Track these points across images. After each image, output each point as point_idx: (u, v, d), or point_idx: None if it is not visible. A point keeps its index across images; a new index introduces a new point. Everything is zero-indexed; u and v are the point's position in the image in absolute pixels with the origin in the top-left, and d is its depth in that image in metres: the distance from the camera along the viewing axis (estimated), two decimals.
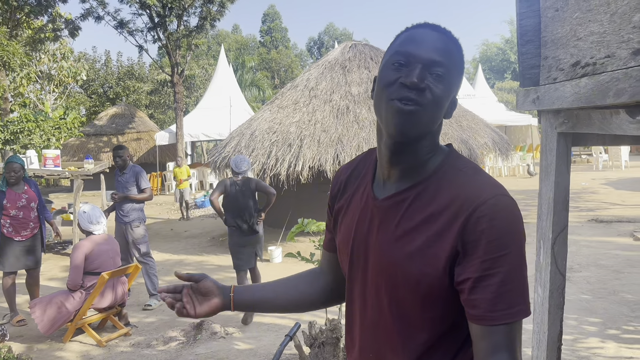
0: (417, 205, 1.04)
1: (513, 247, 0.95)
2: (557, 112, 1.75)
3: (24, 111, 15.32)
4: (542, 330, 1.82)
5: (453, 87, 1.05)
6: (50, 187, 22.72)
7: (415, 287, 1.02)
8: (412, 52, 1.01)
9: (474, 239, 0.95)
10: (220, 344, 4.53)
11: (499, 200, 0.97)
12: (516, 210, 0.99)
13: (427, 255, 1.00)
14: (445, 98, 1.02)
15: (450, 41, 1.05)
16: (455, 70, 1.04)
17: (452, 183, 1.02)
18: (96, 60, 30.64)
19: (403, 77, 1.00)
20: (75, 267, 4.61)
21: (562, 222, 1.78)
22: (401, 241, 1.04)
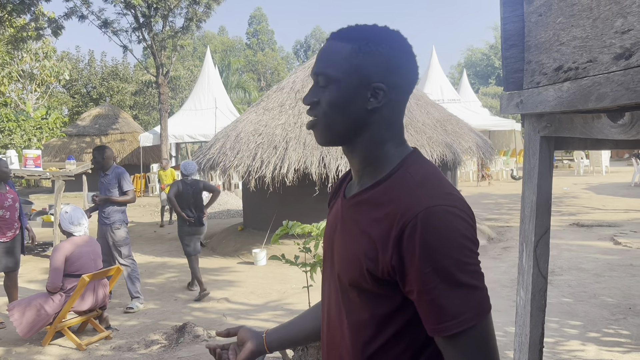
0: (367, 207, 1.05)
1: (447, 259, 0.93)
2: (540, 116, 1.77)
3: (5, 110, 15.07)
4: (524, 333, 1.83)
5: (347, 81, 1.03)
6: (31, 187, 22.37)
7: (356, 285, 1.03)
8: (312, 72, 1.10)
9: (409, 253, 0.95)
10: (202, 347, 4.49)
11: (430, 212, 0.94)
12: (451, 221, 0.95)
13: (368, 258, 1.00)
14: (338, 99, 1.03)
15: (342, 43, 1.05)
16: (342, 66, 1.03)
17: (398, 189, 1.01)
18: (79, 60, 30.31)
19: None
20: (54, 269, 4.54)
21: (544, 225, 1.79)
22: (350, 241, 1.06)
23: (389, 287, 1.00)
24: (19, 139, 13.16)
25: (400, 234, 0.95)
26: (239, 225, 9.68)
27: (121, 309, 5.68)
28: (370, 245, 1.00)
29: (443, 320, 0.94)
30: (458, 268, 0.93)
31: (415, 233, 0.94)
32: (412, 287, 0.96)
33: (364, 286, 1.02)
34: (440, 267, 0.93)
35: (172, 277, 7.16)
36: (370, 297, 1.03)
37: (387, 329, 1.03)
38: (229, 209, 13.61)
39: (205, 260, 8.12)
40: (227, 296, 6.08)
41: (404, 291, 0.98)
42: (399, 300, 1.01)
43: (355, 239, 1.04)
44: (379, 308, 1.03)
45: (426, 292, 0.94)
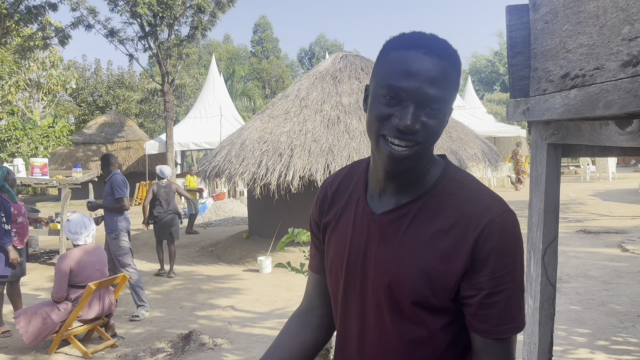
0: (421, 220, 1.03)
1: (518, 264, 0.99)
2: (547, 124, 1.77)
3: (12, 119, 15.19)
4: (533, 342, 1.82)
5: (449, 109, 1.02)
6: (37, 196, 22.47)
7: (421, 303, 1.01)
8: (405, 88, 0.96)
9: (484, 257, 0.97)
10: (208, 355, 4.48)
11: (506, 217, 0.99)
12: (519, 226, 1.02)
13: (438, 272, 0.99)
14: (441, 127, 1.01)
15: (447, 63, 0.98)
16: (452, 93, 1.00)
17: (456, 198, 1.02)
18: (86, 69, 30.51)
19: (396, 119, 0.97)
20: (59, 278, 4.55)
21: (552, 232, 1.78)
22: (407, 257, 1.02)
23: (453, 299, 1.02)
24: (26, 147, 13.24)
25: (476, 240, 0.97)
26: (245, 233, 9.68)
27: (127, 317, 5.68)
28: (437, 257, 0.99)
29: (502, 323, 0.99)
30: (522, 274, 1.00)
31: (492, 237, 0.97)
32: (479, 290, 0.98)
33: (431, 301, 1.01)
34: (511, 270, 0.98)
35: (178, 285, 7.16)
36: (431, 312, 1.02)
37: (439, 345, 1.04)
38: (234, 216, 13.63)
39: (210, 268, 8.12)
40: (232, 304, 6.07)
41: (464, 296, 1.00)
42: (452, 315, 1.03)
43: (415, 254, 1.01)
44: (438, 322, 1.03)
45: (495, 294, 0.98)
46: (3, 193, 5.21)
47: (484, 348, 1.01)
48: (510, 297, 0.98)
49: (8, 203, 5.17)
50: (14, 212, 5.22)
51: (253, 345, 4.70)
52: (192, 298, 6.42)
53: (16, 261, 5.04)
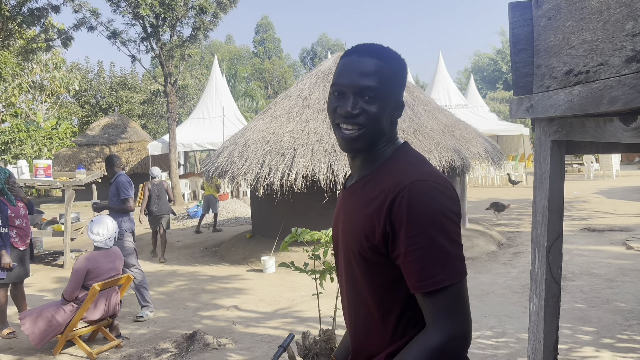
0: (365, 190, 1.23)
1: (429, 226, 1.11)
2: (550, 120, 1.76)
3: (16, 121, 15.23)
4: (538, 340, 1.81)
5: (390, 97, 1.22)
6: (41, 197, 22.55)
7: (360, 261, 1.21)
8: (344, 83, 1.21)
9: (398, 220, 1.13)
10: (213, 355, 4.48)
11: (415, 185, 1.13)
12: (433, 192, 1.14)
13: (365, 231, 1.18)
14: (381, 112, 1.20)
15: (379, 60, 1.21)
16: (388, 84, 1.21)
17: (390, 171, 1.21)
18: (89, 71, 30.59)
19: (340, 107, 1.22)
20: (75, 279, 4.57)
21: (556, 230, 1.77)
22: (350, 222, 1.24)
23: (384, 258, 1.18)
24: (30, 149, 13.27)
25: (391, 204, 1.14)
26: (248, 233, 9.68)
27: (131, 317, 5.69)
28: (367, 219, 1.18)
29: (422, 279, 1.11)
30: (439, 234, 1.11)
31: (403, 202, 1.12)
32: (399, 250, 1.13)
33: (365, 256, 1.20)
34: (423, 231, 1.11)
35: (182, 285, 7.17)
36: (370, 270, 1.21)
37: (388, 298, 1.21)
38: (238, 216, 13.63)
39: (214, 268, 8.13)
40: (236, 304, 6.07)
41: (393, 257, 1.16)
42: (393, 271, 1.19)
43: (356, 217, 1.22)
44: (378, 279, 1.21)
45: (410, 252, 1.12)
46: (2, 196, 5.22)
47: (421, 304, 1.15)
48: (426, 256, 1.10)
49: (5, 206, 5.18)
50: (11, 214, 5.22)
51: (257, 345, 4.70)
52: (196, 298, 6.43)
53: (8, 266, 5.02)
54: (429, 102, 9.29)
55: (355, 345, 1.31)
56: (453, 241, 1.12)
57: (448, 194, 1.15)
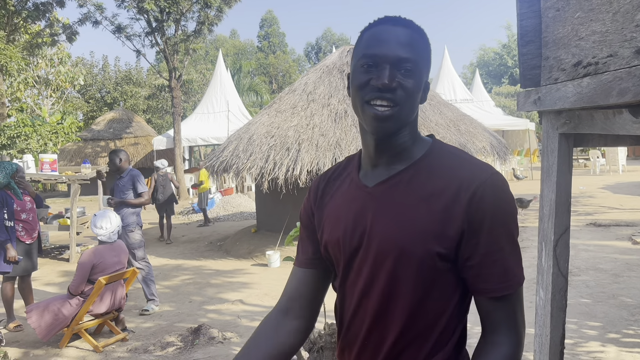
0: (414, 186, 1.07)
1: (512, 222, 1.03)
2: (558, 113, 1.74)
3: (21, 116, 15.29)
4: (545, 334, 1.80)
5: (423, 75, 1.08)
6: (47, 192, 22.65)
7: (419, 266, 1.04)
8: (378, 53, 1.04)
9: (480, 218, 1.00)
10: (218, 349, 4.50)
11: (496, 178, 1.03)
12: (509, 187, 1.06)
13: (435, 231, 1.02)
14: (417, 89, 1.07)
15: (413, 32, 1.08)
16: (422, 59, 1.08)
17: (445, 164, 1.07)
18: (94, 65, 30.64)
19: (374, 80, 1.04)
20: (81, 273, 4.59)
21: (564, 223, 1.76)
22: (405, 221, 1.05)
23: (449, 263, 1.04)
24: (35, 143, 13.31)
25: (469, 201, 1.01)
26: (253, 227, 9.70)
27: (137, 311, 5.71)
28: (433, 216, 1.03)
29: (506, 279, 1.02)
30: (517, 231, 1.05)
31: (485, 198, 1.00)
32: (478, 250, 1.01)
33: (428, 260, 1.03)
34: (508, 229, 1.03)
35: (187, 279, 7.19)
36: (428, 277, 1.04)
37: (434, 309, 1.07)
38: (242, 211, 13.65)
39: (219, 263, 8.15)
40: (241, 298, 6.09)
41: (464, 257, 1.03)
42: (447, 278, 1.05)
43: (412, 216, 1.04)
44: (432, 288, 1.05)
45: (494, 252, 1.01)
46: (8, 190, 5.24)
47: (491, 307, 1.03)
48: (510, 255, 1.02)
49: (12, 200, 5.19)
50: (17, 208, 5.24)
51: None
52: (202, 292, 6.45)
53: (13, 259, 5.03)
54: (434, 97, 9.25)
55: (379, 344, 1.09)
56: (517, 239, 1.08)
57: (506, 183, 1.07)
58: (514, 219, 1.03)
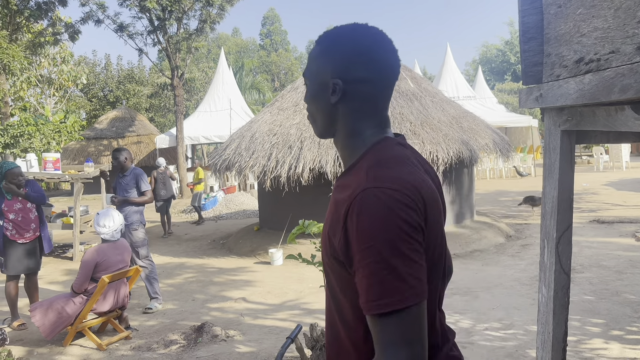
0: (338, 190, 1.13)
1: (376, 240, 0.96)
2: (560, 110, 1.74)
3: (24, 115, 15.34)
4: (547, 331, 1.80)
5: (317, 79, 1.16)
6: (50, 190, 22.70)
7: (326, 265, 1.11)
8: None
9: (351, 232, 1.00)
10: (221, 347, 4.51)
11: (365, 194, 0.99)
12: (382, 204, 0.98)
13: (329, 236, 1.08)
14: (313, 97, 1.17)
15: (315, 45, 1.18)
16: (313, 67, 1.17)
17: (359, 174, 1.07)
18: (96, 64, 30.66)
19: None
20: (84, 272, 4.60)
21: (566, 221, 1.76)
22: (325, 220, 1.14)
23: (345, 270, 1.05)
24: (39, 142, 13.34)
25: (346, 213, 1.02)
26: (255, 226, 9.70)
27: (140, 309, 5.73)
28: (331, 225, 1.08)
29: (368, 300, 0.97)
30: (390, 249, 0.96)
31: (354, 212, 0.99)
32: (355, 266, 1.00)
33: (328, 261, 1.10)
34: (372, 246, 0.96)
35: (190, 277, 7.20)
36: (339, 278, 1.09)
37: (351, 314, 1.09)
38: (245, 209, 13.67)
39: (222, 261, 8.16)
40: (244, 296, 6.10)
41: (352, 272, 1.03)
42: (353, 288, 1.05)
43: (328, 216, 1.13)
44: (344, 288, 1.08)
45: (361, 269, 0.98)
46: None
47: (369, 324, 1.00)
48: (372, 273, 0.96)
49: (1, 200, 5.19)
50: (4, 208, 5.23)
51: (265, 337, 4.73)
52: (205, 290, 6.46)
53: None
54: (436, 94, 9.23)
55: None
56: (407, 258, 0.96)
57: (406, 202, 0.98)
58: (385, 238, 0.96)
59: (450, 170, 8.11)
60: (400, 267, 0.96)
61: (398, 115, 8.05)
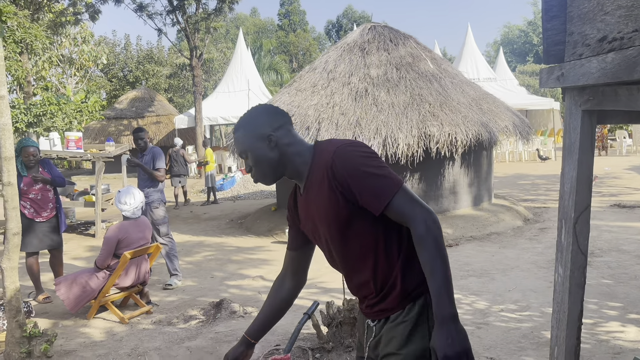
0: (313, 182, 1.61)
1: (360, 167, 1.51)
2: (582, 89, 1.72)
3: (47, 94, 15.54)
4: (562, 310, 1.81)
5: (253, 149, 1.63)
6: (72, 169, 23.11)
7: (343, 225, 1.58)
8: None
9: (342, 178, 1.52)
10: (239, 323, 4.61)
11: (337, 150, 1.55)
12: (347, 148, 1.55)
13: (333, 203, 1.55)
14: (258, 160, 1.63)
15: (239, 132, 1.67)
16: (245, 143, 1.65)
17: (320, 160, 1.59)
18: (116, 44, 30.87)
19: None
20: (107, 248, 4.73)
21: (584, 201, 1.76)
22: (322, 206, 1.60)
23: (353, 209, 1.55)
24: (61, 122, 13.56)
25: (331, 174, 1.53)
26: (273, 206, 9.79)
27: (160, 285, 5.86)
28: (329, 194, 1.56)
29: (379, 201, 1.50)
30: (366, 166, 1.51)
31: (335, 166, 1.52)
32: (357, 196, 1.51)
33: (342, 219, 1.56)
34: (357, 171, 1.51)
35: (209, 255, 7.33)
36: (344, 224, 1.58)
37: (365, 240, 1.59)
38: (262, 189, 13.77)
39: (240, 240, 8.28)
40: (261, 274, 6.19)
41: (358, 205, 1.53)
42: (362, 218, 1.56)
43: (322, 199, 1.58)
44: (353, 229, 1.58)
45: (363, 191, 1.51)
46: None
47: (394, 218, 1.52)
48: (371, 183, 1.50)
49: (20, 178, 5.27)
50: (24, 188, 5.33)
51: None
52: (223, 268, 6.58)
53: None
54: (456, 75, 9.12)
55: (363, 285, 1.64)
56: (379, 167, 1.52)
57: (355, 143, 1.57)
58: (361, 164, 1.51)
59: (469, 152, 8.05)
60: (379, 171, 1.52)
61: (417, 96, 7.99)
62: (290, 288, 1.89)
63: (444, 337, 1.40)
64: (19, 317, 3.86)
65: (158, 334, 4.45)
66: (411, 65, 8.54)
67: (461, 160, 8.31)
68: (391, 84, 8.19)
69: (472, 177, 8.61)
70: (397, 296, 1.57)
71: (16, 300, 3.84)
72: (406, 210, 1.48)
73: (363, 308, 1.71)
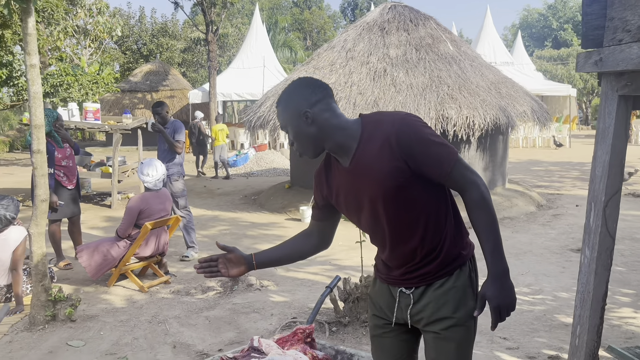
0: (367, 152, 1.64)
1: (421, 134, 1.60)
2: (620, 75, 1.74)
3: (62, 65, 15.60)
4: (587, 290, 1.86)
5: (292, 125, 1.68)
6: (86, 140, 23.31)
7: (399, 192, 1.63)
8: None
9: (407, 146, 1.58)
10: (256, 295, 4.71)
11: (400, 121, 1.62)
12: (413, 119, 1.63)
13: (391, 169, 1.60)
14: (297, 135, 1.68)
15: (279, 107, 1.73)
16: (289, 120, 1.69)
17: (377, 130, 1.63)
18: (130, 17, 30.75)
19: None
20: (128, 218, 4.83)
21: (615, 185, 1.79)
22: (375, 174, 1.63)
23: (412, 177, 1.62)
24: (77, 93, 13.65)
25: (396, 143, 1.59)
26: (286, 183, 9.86)
27: (177, 257, 5.97)
28: (387, 160, 1.60)
29: (444, 166, 1.60)
30: (431, 137, 1.61)
31: (401, 134, 1.59)
32: (420, 162, 1.59)
33: (400, 184, 1.61)
34: (423, 139, 1.60)
35: (224, 229, 7.43)
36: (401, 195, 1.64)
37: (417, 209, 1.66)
38: (275, 167, 13.84)
39: (254, 215, 8.37)
40: None
41: (419, 171, 1.61)
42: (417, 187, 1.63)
43: (379, 167, 1.61)
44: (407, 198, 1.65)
45: (427, 157, 1.60)
46: (49, 137, 5.41)
47: (451, 183, 1.64)
48: (436, 150, 1.60)
49: (53, 147, 5.37)
50: (58, 156, 5.44)
51: (297, 288, 4.91)
52: (238, 243, 6.68)
53: (55, 205, 5.22)
54: (475, 58, 9.05)
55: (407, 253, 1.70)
56: (437, 136, 1.63)
57: (412, 115, 1.66)
58: (425, 133, 1.60)
59: (486, 136, 8.03)
60: (441, 140, 1.63)
61: (436, 78, 7.96)
62: (313, 245, 1.94)
63: (498, 289, 1.61)
64: (45, 282, 3.98)
65: (177, 303, 4.56)
66: (431, 47, 8.48)
67: (477, 144, 8.30)
68: (410, 65, 8.15)
69: (487, 161, 8.60)
70: (440, 262, 1.68)
71: (42, 265, 3.96)
72: (467, 176, 1.62)
73: (396, 276, 1.75)
